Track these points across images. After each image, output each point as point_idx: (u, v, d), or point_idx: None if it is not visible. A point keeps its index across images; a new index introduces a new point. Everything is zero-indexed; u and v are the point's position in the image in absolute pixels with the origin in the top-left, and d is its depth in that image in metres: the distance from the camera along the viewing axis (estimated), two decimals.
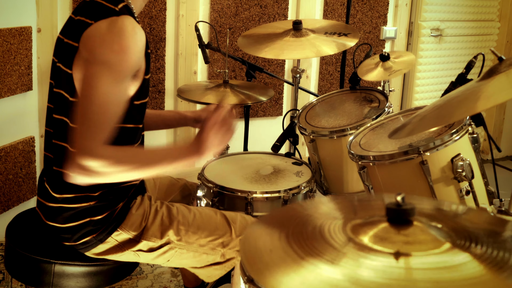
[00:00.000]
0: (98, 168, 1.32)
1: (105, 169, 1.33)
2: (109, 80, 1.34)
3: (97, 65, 1.35)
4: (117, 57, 1.35)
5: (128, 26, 1.38)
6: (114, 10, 1.40)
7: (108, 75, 1.34)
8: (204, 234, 1.62)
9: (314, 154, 2.13)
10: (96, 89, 1.34)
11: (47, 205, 1.55)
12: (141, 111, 1.57)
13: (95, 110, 1.34)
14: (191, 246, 1.62)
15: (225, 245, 1.64)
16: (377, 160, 1.68)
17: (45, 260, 1.54)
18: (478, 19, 4.03)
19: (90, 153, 1.31)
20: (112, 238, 1.56)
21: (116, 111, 1.38)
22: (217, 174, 2.07)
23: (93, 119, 1.34)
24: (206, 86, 2.64)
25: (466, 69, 1.93)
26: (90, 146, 1.32)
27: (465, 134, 1.63)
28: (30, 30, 2.68)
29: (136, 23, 1.42)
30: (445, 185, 1.61)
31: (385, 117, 2.01)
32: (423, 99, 4.00)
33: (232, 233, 1.65)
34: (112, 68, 1.34)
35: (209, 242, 1.63)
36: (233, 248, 1.65)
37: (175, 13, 3.20)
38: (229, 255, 1.66)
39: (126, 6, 1.44)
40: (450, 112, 1.32)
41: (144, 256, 1.61)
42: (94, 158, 1.31)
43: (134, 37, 1.38)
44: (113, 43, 1.35)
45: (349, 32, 2.39)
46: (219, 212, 1.71)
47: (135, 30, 1.39)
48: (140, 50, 1.40)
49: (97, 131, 1.34)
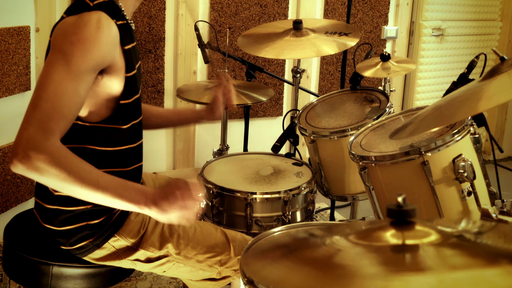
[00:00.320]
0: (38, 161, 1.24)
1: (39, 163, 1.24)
2: (64, 70, 1.32)
3: (54, 53, 1.35)
4: (74, 48, 1.33)
5: (92, 20, 1.36)
6: (88, 6, 1.39)
7: (63, 64, 1.32)
8: (203, 250, 1.61)
9: (315, 154, 2.13)
10: (50, 76, 1.31)
11: (44, 207, 1.55)
12: (131, 110, 1.54)
13: (44, 97, 1.30)
14: (189, 261, 1.61)
15: (222, 264, 1.63)
16: (378, 160, 1.68)
17: (43, 262, 1.54)
18: (480, 18, 4.03)
19: (34, 143, 1.25)
20: (109, 244, 1.55)
21: (69, 104, 1.32)
22: (216, 174, 2.07)
23: (41, 106, 1.29)
24: (205, 86, 2.64)
25: (468, 69, 1.93)
26: (36, 135, 1.26)
27: (467, 134, 1.63)
28: (29, 30, 2.68)
29: (106, 17, 1.38)
30: (446, 186, 1.61)
31: (386, 117, 2.01)
32: (424, 99, 4.00)
33: (231, 252, 1.64)
34: (67, 58, 1.32)
35: (207, 259, 1.62)
36: (230, 267, 1.64)
37: (174, 13, 3.20)
38: (225, 273, 1.65)
39: (105, 3, 1.42)
40: (451, 112, 1.32)
41: (141, 265, 1.61)
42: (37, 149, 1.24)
43: (97, 30, 1.35)
44: (72, 34, 1.34)
45: (349, 31, 2.39)
46: (219, 229, 1.69)
47: (99, 25, 1.36)
48: (105, 45, 1.37)
49: (43, 119, 1.27)
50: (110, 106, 1.49)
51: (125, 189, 1.32)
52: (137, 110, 1.59)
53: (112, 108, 1.49)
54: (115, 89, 1.47)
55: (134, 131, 1.58)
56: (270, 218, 1.92)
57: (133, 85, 1.53)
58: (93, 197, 1.30)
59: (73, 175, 1.27)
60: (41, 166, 1.24)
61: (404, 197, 0.89)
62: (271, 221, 1.92)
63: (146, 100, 3.21)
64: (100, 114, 1.48)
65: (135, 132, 1.60)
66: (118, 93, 1.49)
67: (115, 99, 1.49)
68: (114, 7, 1.46)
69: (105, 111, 1.49)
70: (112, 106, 1.49)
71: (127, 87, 1.49)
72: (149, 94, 3.22)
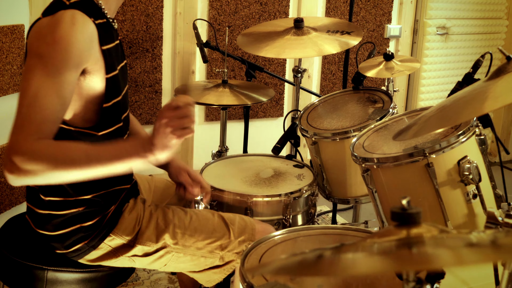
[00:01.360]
0: (23, 164, 1.25)
1: (24, 165, 1.25)
2: (42, 73, 1.31)
3: (31, 58, 1.35)
4: (50, 49, 1.32)
5: (66, 18, 1.35)
6: (64, 4, 1.38)
7: (41, 68, 1.32)
8: (201, 237, 1.62)
9: (316, 156, 2.13)
10: (28, 82, 1.31)
11: (36, 212, 1.55)
12: (114, 113, 1.53)
13: (25, 103, 1.30)
14: (188, 249, 1.62)
15: (223, 248, 1.64)
16: (381, 162, 1.68)
17: (37, 267, 1.54)
18: (485, 16, 4.04)
19: (16, 148, 1.26)
20: (105, 244, 1.56)
21: (50, 107, 1.32)
22: (215, 177, 2.07)
23: (23, 112, 1.30)
24: (204, 86, 2.64)
25: (473, 69, 1.93)
26: (17, 140, 1.27)
27: (472, 135, 1.63)
28: (23, 28, 2.68)
29: (80, 14, 1.37)
30: (451, 189, 1.61)
31: (389, 118, 2.01)
32: (428, 99, 4.00)
33: (230, 235, 1.65)
34: (44, 60, 1.32)
35: (207, 245, 1.63)
36: (232, 250, 1.65)
37: (172, 11, 3.20)
38: (228, 257, 1.65)
39: (82, 2, 1.41)
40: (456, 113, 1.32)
41: (140, 261, 1.61)
42: (18, 152, 1.25)
43: (72, 28, 1.34)
44: (47, 35, 1.34)
45: (352, 30, 2.39)
46: (216, 214, 1.71)
47: (73, 21, 1.35)
48: (81, 42, 1.36)
49: (26, 124, 1.28)
50: (94, 109, 1.48)
51: (118, 149, 1.32)
52: (117, 115, 1.56)
53: (97, 112, 1.48)
54: (96, 90, 1.46)
55: (112, 137, 1.55)
56: (271, 221, 1.92)
57: (115, 86, 1.51)
58: (92, 173, 1.30)
59: (61, 161, 1.27)
60: (27, 167, 1.25)
61: (408, 199, 0.89)
62: (271, 225, 1.92)
63: (144, 100, 3.22)
64: (85, 117, 1.48)
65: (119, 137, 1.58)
66: (100, 95, 1.47)
67: (97, 101, 1.48)
68: (93, 6, 1.44)
69: (90, 115, 1.48)
70: (96, 109, 1.48)
71: (108, 90, 1.48)
72: (146, 94, 3.22)
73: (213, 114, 3.44)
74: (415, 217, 0.89)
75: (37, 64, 1.32)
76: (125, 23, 3.08)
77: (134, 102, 3.20)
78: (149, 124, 3.27)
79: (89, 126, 1.48)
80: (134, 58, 3.15)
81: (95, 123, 1.49)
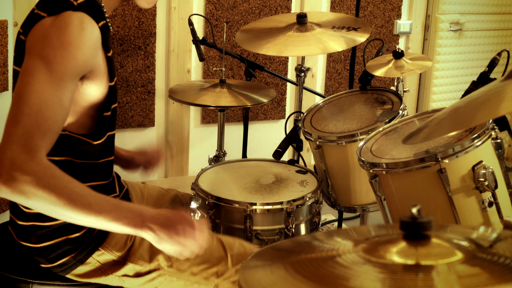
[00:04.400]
0: (25, 185, 1.23)
1: (25, 186, 1.23)
2: (46, 79, 1.31)
3: (33, 59, 1.33)
4: (57, 53, 1.32)
5: (74, 21, 1.35)
6: (72, 5, 1.38)
7: (44, 71, 1.31)
8: (197, 261, 1.61)
9: (321, 161, 2.14)
10: (30, 87, 1.30)
11: (18, 223, 1.54)
12: (111, 120, 1.56)
13: (26, 111, 1.28)
14: (182, 274, 1.61)
15: (219, 275, 1.63)
16: (391, 168, 1.69)
17: (22, 280, 1.54)
18: (502, 11, 4.05)
19: (20, 163, 1.23)
20: (94, 259, 1.55)
21: (53, 117, 1.31)
22: (212, 183, 2.07)
23: (24, 122, 1.26)
24: (200, 86, 2.65)
25: (489, 67, 1.94)
26: (16, 152, 1.24)
27: (488, 139, 1.63)
28: (6, 24, 2.68)
29: (88, 19, 1.38)
30: (465, 196, 1.61)
31: (399, 120, 2.02)
32: (441, 100, 4.01)
33: (228, 261, 1.63)
34: (49, 65, 1.31)
35: (202, 270, 1.62)
36: (228, 278, 1.63)
37: (166, 5, 3.21)
38: (223, 286, 1.63)
39: (88, 2, 1.42)
40: (471, 115, 1.32)
41: (130, 282, 1.60)
42: (23, 171, 1.22)
43: (80, 33, 1.35)
44: (53, 37, 1.33)
45: (359, 26, 2.40)
46: (215, 237, 1.70)
47: (83, 26, 1.36)
48: (88, 48, 1.37)
49: (27, 136, 1.26)
50: (90, 116, 1.49)
51: (120, 211, 1.33)
52: (113, 122, 1.59)
53: (94, 118, 1.49)
54: (95, 97, 1.47)
55: (105, 148, 1.57)
56: (272, 231, 1.92)
57: (114, 95, 1.54)
58: (85, 221, 1.30)
59: (63, 198, 1.26)
60: (27, 189, 1.23)
61: (419, 208, 0.89)
62: (273, 235, 1.93)
63: (135, 101, 3.22)
64: (80, 123, 1.48)
65: (110, 145, 1.60)
66: (98, 101, 1.48)
67: (95, 108, 1.49)
68: (96, 6, 1.45)
69: (86, 121, 1.49)
70: (93, 116, 1.49)
71: (108, 98, 1.50)
72: (138, 95, 3.23)
73: (210, 116, 3.44)
74: (426, 226, 0.89)
75: (40, 67, 1.32)
76: (116, 18, 3.09)
77: (125, 103, 3.21)
78: (141, 127, 3.27)
79: (84, 133, 1.49)
80: (126, 56, 3.15)
81: (92, 130, 1.50)
